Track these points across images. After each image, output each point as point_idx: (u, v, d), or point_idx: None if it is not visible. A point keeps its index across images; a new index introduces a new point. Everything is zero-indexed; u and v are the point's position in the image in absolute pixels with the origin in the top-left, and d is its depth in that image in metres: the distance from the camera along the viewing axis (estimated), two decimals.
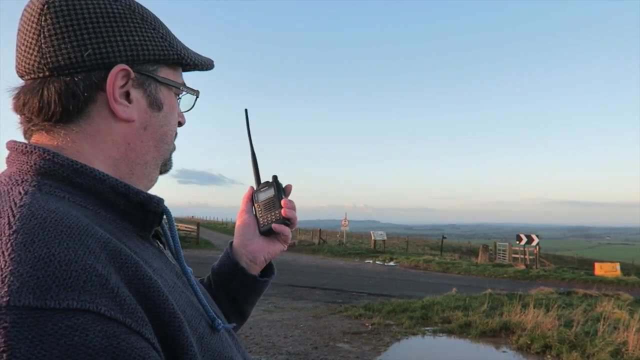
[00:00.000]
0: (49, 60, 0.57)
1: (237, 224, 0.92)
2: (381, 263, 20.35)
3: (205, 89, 0.77)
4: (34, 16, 0.58)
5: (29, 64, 0.58)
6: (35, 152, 0.55)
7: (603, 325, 6.94)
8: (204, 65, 0.72)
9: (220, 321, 0.63)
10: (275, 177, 0.93)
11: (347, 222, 27.00)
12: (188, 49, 0.71)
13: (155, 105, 0.65)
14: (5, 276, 0.40)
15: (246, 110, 0.93)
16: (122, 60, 0.59)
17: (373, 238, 26.50)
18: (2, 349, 0.37)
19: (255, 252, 0.89)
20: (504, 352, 6.46)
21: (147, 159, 0.65)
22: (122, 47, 0.59)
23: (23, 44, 0.59)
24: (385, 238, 26.37)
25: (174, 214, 0.69)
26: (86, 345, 0.40)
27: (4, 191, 0.50)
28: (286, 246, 0.92)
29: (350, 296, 10.84)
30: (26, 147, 0.56)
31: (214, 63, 0.76)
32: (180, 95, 0.71)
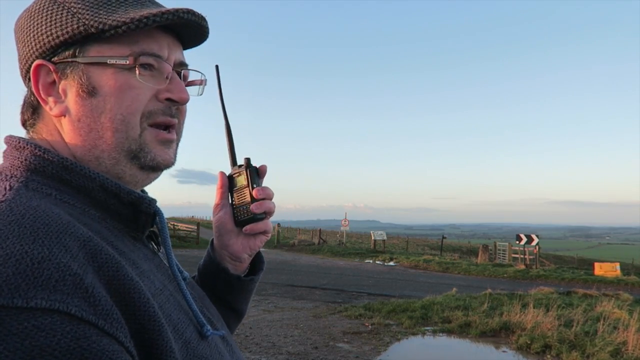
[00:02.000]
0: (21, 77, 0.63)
1: (214, 222, 0.83)
2: (381, 263, 20.35)
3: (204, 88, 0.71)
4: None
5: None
6: (27, 148, 0.56)
7: (603, 325, 6.94)
8: (136, 21, 0.56)
9: (209, 327, 0.60)
10: (247, 161, 0.80)
11: (347, 222, 26.99)
12: (127, 10, 0.59)
13: (84, 91, 0.57)
14: None
15: (217, 66, 0.79)
16: (37, 56, 0.58)
17: (373, 238, 26.51)
18: None
19: (238, 252, 0.81)
20: (503, 352, 6.46)
21: (97, 154, 0.58)
22: (33, 43, 0.58)
23: None
24: (385, 238, 26.37)
25: (174, 214, 0.67)
26: (52, 346, 0.38)
27: None
28: (269, 235, 0.83)
29: (350, 296, 10.84)
30: (20, 142, 0.57)
31: (173, 13, 0.58)
32: (145, 67, 0.59)
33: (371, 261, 20.88)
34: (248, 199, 0.78)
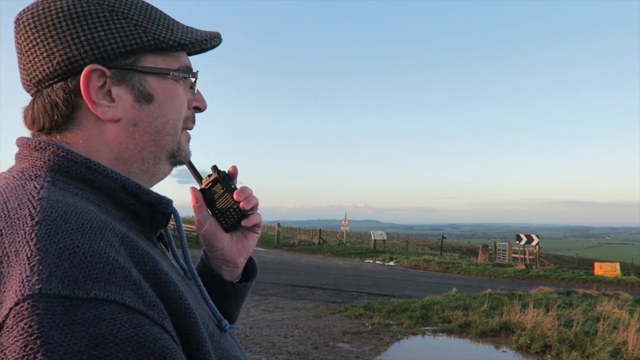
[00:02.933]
0: (31, 76, 0.59)
1: (202, 236, 0.82)
2: (381, 263, 20.35)
3: (203, 88, 0.69)
4: (14, 36, 0.60)
5: (23, 82, 0.61)
6: (49, 149, 0.56)
7: (603, 325, 6.95)
8: (197, 43, 0.66)
9: (226, 322, 0.64)
10: (215, 168, 0.81)
11: (347, 222, 26.99)
12: (180, 29, 0.66)
13: (142, 98, 0.62)
14: (34, 265, 0.41)
15: None
16: (92, 60, 0.58)
17: (373, 238, 26.50)
18: (35, 335, 0.37)
19: (234, 257, 0.82)
20: (503, 351, 6.46)
21: (144, 155, 0.63)
22: (87, 47, 0.58)
23: (18, 64, 0.61)
24: (385, 238, 26.37)
25: None
26: (113, 334, 0.40)
27: (18, 185, 0.51)
28: (260, 231, 0.84)
29: (350, 296, 10.84)
30: (40, 143, 0.57)
31: (218, 38, 0.70)
32: (184, 79, 0.67)
33: (371, 261, 20.87)
34: (231, 202, 0.79)
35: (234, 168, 0.83)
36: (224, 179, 0.80)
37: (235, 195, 0.79)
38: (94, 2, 0.59)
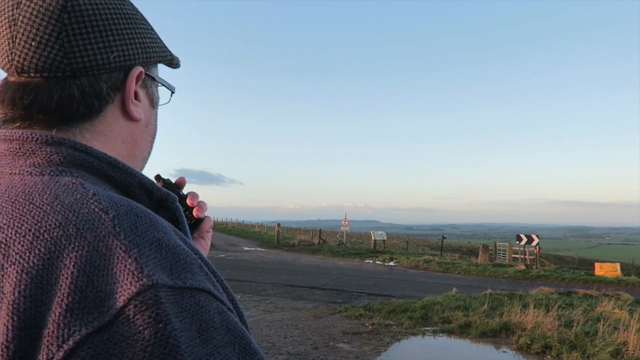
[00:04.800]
0: (73, 60, 0.54)
1: None
2: (381, 263, 20.35)
3: (201, 89, 0.74)
4: (53, 12, 0.54)
5: (43, 61, 0.54)
6: (66, 144, 0.53)
7: (603, 325, 6.94)
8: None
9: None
10: (159, 177, 0.79)
11: (347, 222, 27.00)
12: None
13: (153, 103, 0.68)
14: (136, 257, 0.42)
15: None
16: (139, 62, 0.61)
17: (373, 238, 26.50)
18: (164, 322, 0.39)
19: None
20: (504, 352, 6.46)
21: (145, 155, 0.68)
22: (140, 49, 0.61)
23: (32, 39, 0.54)
24: (385, 238, 26.36)
25: None
26: (212, 320, 0.43)
27: (48, 181, 0.49)
28: (210, 236, 0.84)
29: (350, 296, 10.84)
30: (52, 137, 0.53)
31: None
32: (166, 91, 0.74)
33: (371, 261, 20.86)
34: (183, 207, 0.77)
35: (183, 179, 0.83)
36: (170, 187, 0.78)
37: (188, 201, 0.78)
38: (133, 7, 0.63)
